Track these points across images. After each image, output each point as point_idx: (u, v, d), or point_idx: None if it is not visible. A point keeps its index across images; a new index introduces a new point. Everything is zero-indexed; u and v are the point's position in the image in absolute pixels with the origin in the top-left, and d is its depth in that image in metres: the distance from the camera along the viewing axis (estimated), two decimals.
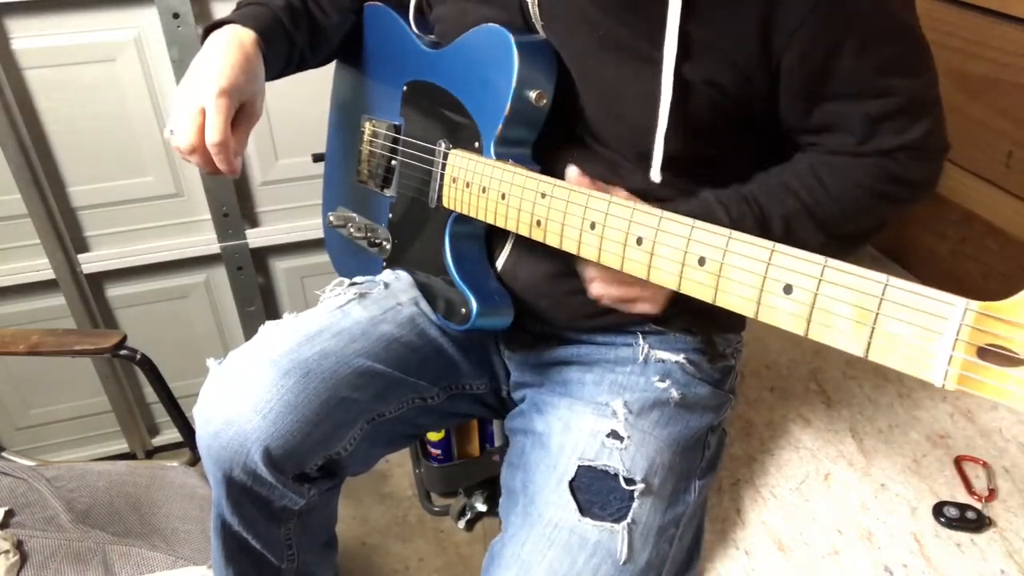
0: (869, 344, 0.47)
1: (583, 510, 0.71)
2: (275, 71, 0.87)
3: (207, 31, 0.83)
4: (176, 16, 1.32)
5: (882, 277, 0.46)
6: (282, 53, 0.88)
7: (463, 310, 0.80)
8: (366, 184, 0.98)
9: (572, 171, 0.71)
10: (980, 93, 1.11)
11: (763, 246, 0.52)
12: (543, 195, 0.68)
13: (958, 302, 0.43)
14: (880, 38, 0.67)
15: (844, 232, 0.74)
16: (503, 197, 0.72)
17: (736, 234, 0.54)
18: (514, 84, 0.73)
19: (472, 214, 0.77)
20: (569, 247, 0.67)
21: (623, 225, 0.61)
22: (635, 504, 0.72)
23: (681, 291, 0.59)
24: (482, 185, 0.75)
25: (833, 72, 0.67)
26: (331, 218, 1.04)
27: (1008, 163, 1.09)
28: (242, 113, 0.79)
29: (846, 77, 0.68)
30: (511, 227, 0.72)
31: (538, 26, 0.76)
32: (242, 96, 0.78)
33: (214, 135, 0.74)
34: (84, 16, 1.31)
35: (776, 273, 0.52)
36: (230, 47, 0.79)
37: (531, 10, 0.75)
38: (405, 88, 0.90)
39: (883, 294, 0.46)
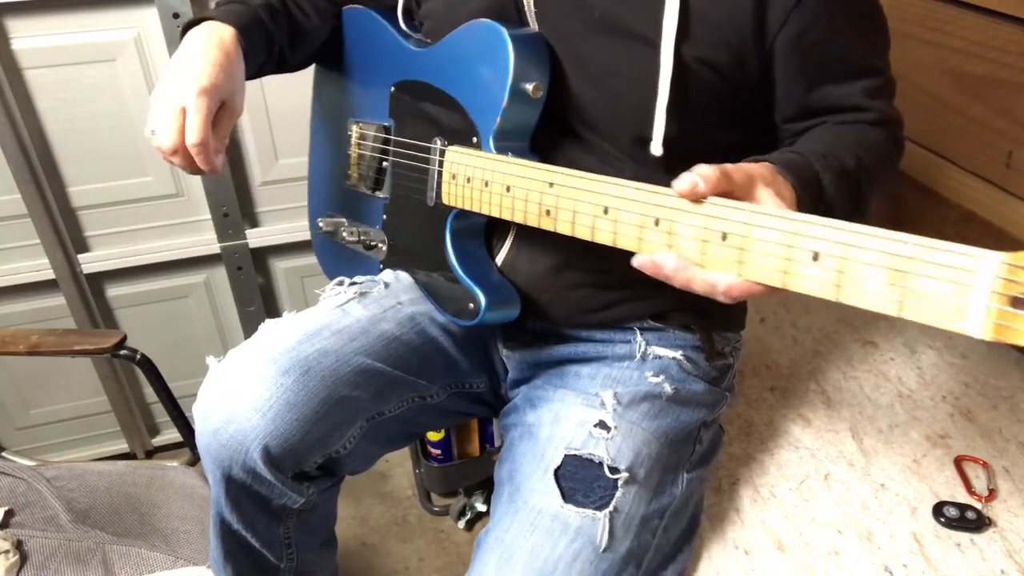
0: (901, 303, 0.48)
1: (566, 497, 0.72)
2: (253, 68, 0.86)
3: (186, 28, 0.82)
4: (176, 16, 1.32)
5: (910, 238, 0.47)
6: (261, 50, 0.87)
7: (471, 305, 0.80)
8: (356, 188, 0.97)
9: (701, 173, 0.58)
10: (980, 93, 1.11)
11: (788, 217, 0.53)
12: (551, 184, 0.68)
13: (990, 255, 0.44)
14: (864, 16, 0.71)
15: (868, 199, 0.74)
16: (508, 189, 0.72)
17: (758, 208, 0.55)
18: (510, 78, 0.73)
19: (475, 209, 0.77)
20: (582, 234, 0.67)
21: (639, 208, 0.61)
22: (618, 493, 0.72)
23: (705, 267, 0.58)
24: (484, 179, 0.75)
25: (830, 52, 0.70)
26: (320, 224, 1.03)
27: (1008, 163, 1.09)
28: (223, 111, 0.78)
29: (842, 57, 0.71)
30: (518, 219, 0.72)
31: (530, 13, 0.76)
32: (222, 94, 0.77)
33: (194, 135, 0.74)
34: (84, 16, 1.32)
35: (803, 242, 0.52)
36: (210, 45, 0.78)
37: None
38: (393, 89, 0.90)
39: (913, 254, 0.47)
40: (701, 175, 0.57)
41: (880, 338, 1.17)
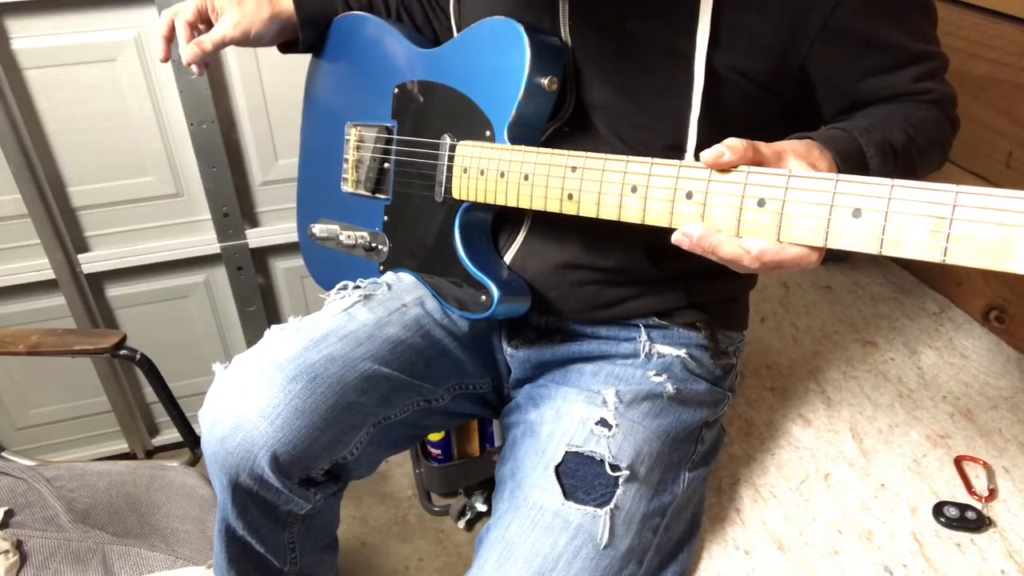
0: (946, 249, 0.49)
1: (567, 494, 0.72)
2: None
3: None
4: None
5: (951, 187, 0.48)
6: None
7: (483, 297, 0.80)
8: (354, 191, 0.97)
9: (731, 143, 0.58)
10: (980, 93, 1.11)
11: (827, 178, 0.54)
12: (573, 168, 0.69)
13: None
14: (904, 3, 0.71)
15: (918, 176, 0.73)
16: (526, 178, 0.73)
17: (797, 171, 0.55)
18: (526, 71, 0.74)
19: (490, 200, 0.78)
20: (607, 214, 0.67)
21: (669, 183, 0.62)
22: (619, 491, 0.72)
23: (740, 233, 0.58)
24: (500, 171, 0.76)
25: (874, 47, 0.70)
26: (315, 231, 1.02)
27: (1008, 163, 1.09)
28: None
29: (888, 49, 0.71)
30: (537, 205, 0.73)
31: (564, 25, 0.76)
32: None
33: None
34: (84, 16, 1.32)
35: (843, 200, 0.53)
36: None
37: (560, 7, 0.76)
38: (396, 91, 0.90)
39: (955, 201, 0.48)
40: (728, 145, 0.57)
41: (880, 338, 1.17)
